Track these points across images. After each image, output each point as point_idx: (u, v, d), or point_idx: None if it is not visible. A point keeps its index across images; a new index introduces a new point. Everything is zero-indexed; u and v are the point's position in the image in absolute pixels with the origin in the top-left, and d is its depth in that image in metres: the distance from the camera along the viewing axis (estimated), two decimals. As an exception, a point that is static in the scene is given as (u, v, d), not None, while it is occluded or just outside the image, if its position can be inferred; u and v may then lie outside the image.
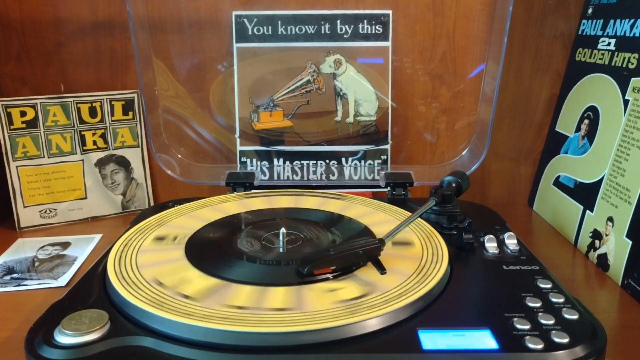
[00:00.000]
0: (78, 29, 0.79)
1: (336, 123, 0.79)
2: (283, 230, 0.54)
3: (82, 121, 0.78)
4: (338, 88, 0.78)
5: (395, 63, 0.78)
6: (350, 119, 0.79)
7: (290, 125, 0.79)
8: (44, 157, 0.76)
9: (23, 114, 0.74)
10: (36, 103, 0.75)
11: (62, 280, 0.59)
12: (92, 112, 0.78)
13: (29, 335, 0.39)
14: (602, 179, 0.65)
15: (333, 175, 0.79)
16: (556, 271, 0.51)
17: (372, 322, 0.39)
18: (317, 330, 0.38)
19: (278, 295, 0.43)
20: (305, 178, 0.79)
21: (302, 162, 0.79)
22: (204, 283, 0.45)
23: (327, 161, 0.79)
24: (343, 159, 0.79)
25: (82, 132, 0.78)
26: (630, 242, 0.57)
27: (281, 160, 0.79)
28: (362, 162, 0.79)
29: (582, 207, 0.68)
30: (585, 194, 0.68)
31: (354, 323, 0.39)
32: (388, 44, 0.77)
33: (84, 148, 0.78)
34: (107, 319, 0.40)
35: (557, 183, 0.76)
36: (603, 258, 0.62)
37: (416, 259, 0.49)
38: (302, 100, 0.78)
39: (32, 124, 0.75)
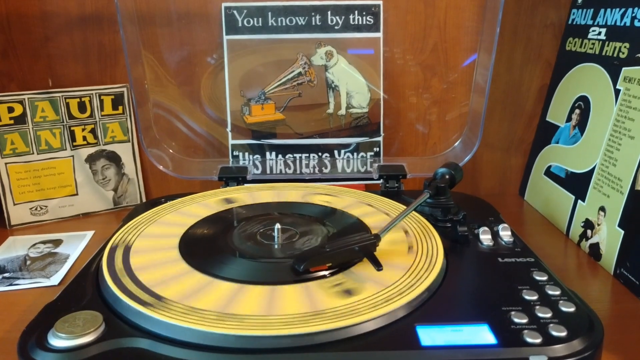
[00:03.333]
0: (65, 23, 0.77)
1: (328, 115, 0.78)
2: (278, 226, 0.53)
3: (71, 116, 0.76)
4: (329, 80, 0.78)
5: (387, 54, 0.78)
6: (342, 111, 0.78)
7: (282, 118, 0.78)
8: (33, 153, 0.75)
9: (11, 109, 0.73)
10: (24, 99, 0.73)
11: (55, 279, 0.59)
12: (82, 107, 0.77)
13: (21, 339, 0.39)
14: (593, 169, 0.65)
15: (326, 168, 0.79)
16: (548, 261, 0.51)
17: (371, 321, 0.39)
18: (315, 333, 0.37)
19: (275, 294, 0.43)
20: (298, 171, 0.78)
21: (295, 155, 0.79)
22: (200, 282, 0.45)
23: (320, 154, 0.79)
24: (335, 152, 0.79)
25: (72, 128, 0.77)
26: (622, 232, 0.58)
27: (274, 153, 0.79)
28: (355, 154, 0.79)
29: (573, 197, 0.69)
30: (577, 184, 0.68)
31: (352, 325, 0.38)
32: (379, 35, 0.76)
33: (74, 144, 0.77)
34: (101, 320, 0.39)
35: (549, 173, 0.76)
36: (595, 247, 0.62)
37: (412, 254, 0.49)
38: (294, 93, 0.78)
39: (21, 120, 0.74)
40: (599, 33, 0.69)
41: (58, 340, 0.38)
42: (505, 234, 0.55)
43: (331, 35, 0.76)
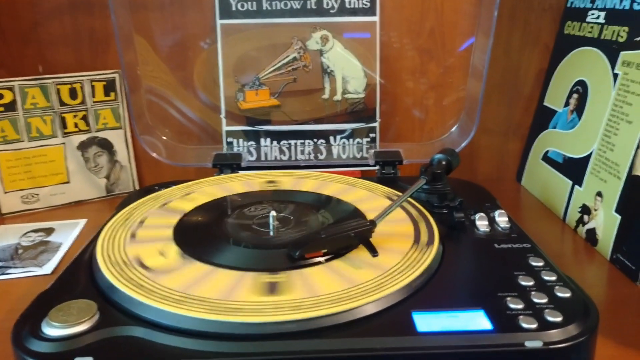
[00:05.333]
0: (55, 7, 0.76)
1: (324, 101, 0.78)
2: (273, 213, 0.53)
3: (62, 103, 0.75)
4: (325, 65, 0.77)
5: (383, 38, 0.77)
6: (338, 97, 0.77)
7: (277, 104, 0.77)
8: (23, 141, 0.74)
9: (0, 96, 0.72)
10: (14, 85, 0.72)
11: (48, 268, 0.58)
12: (73, 94, 0.76)
13: (15, 328, 0.38)
14: (591, 154, 0.65)
15: (321, 154, 0.78)
16: (545, 246, 0.50)
17: (367, 306, 0.39)
18: (312, 318, 0.37)
19: (271, 281, 0.42)
20: (293, 158, 0.78)
21: (290, 141, 0.78)
22: (194, 270, 0.44)
23: (315, 140, 0.78)
24: (331, 138, 0.78)
25: (63, 115, 0.76)
26: (619, 217, 0.58)
27: (268, 140, 0.78)
28: (351, 140, 0.78)
29: (571, 182, 0.68)
30: (574, 169, 0.68)
31: (349, 310, 0.38)
32: (376, 18, 0.75)
33: (65, 131, 0.76)
34: (95, 309, 0.39)
35: (546, 158, 0.76)
36: (592, 233, 0.62)
37: (408, 240, 0.49)
38: (289, 78, 0.77)
39: (11, 107, 0.72)
40: (598, 16, 0.68)
41: (52, 329, 0.37)
42: (502, 219, 0.55)
43: (327, 19, 0.75)
